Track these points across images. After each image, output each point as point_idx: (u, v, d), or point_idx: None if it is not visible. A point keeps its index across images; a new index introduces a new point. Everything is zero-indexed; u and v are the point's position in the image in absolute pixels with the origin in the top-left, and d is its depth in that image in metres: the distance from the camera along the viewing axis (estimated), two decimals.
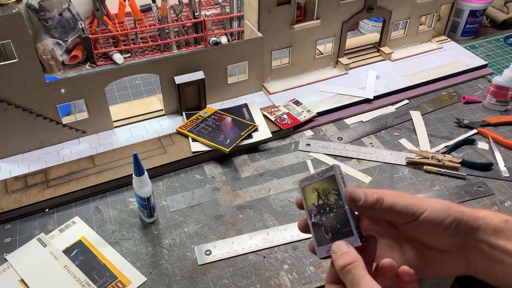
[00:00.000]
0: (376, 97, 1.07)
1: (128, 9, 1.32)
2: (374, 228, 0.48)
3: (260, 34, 1.00)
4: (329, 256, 0.45)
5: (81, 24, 1.17)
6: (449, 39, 1.29)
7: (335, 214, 0.45)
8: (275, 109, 1.01)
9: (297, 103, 1.03)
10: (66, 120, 0.92)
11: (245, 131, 0.94)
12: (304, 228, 0.48)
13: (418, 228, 0.44)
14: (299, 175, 0.89)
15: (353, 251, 0.42)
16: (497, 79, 1.02)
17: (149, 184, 0.74)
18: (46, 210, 0.82)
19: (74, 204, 0.83)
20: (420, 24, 1.23)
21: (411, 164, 0.91)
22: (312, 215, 0.46)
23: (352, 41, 1.26)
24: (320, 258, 0.46)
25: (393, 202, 0.44)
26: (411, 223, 0.44)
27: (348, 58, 1.17)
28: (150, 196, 0.75)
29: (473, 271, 0.45)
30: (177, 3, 1.25)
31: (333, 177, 0.46)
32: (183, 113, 1.00)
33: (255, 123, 0.97)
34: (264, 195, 0.85)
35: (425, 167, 0.89)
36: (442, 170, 0.89)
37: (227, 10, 1.29)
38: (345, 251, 0.42)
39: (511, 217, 0.44)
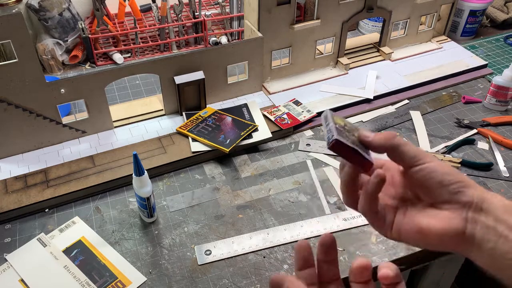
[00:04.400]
0: (376, 97, 1.07)
1: (128, 9, 1.32)
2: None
3: (260, 34, 1.00)
4: (345, 148, 0.44)
5: (81, 24, 1.17)
6: (449, 39, 1.29)
7: (357, 140, 0.47)
8: (275, 109, 1.01)
9: (297, 103, 1.03)
10: (66, 120, 0.92)
11: (245, 131, 0.94)
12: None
13: (421, 173, 0.44)
14: (299, 175, 0.89)
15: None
16: (497, 79, 1.02)
17: (149, 184, 0.74)
18: (46, 210, 0.82)
19: (74, 204, 0.83)
20: (420, 24, 1.23)
21: None
22: (337, 126, 0.46)
23: (352, 41, 1.26)
24: (334, 143, 0.44)
25: (403, 143, 0.45)
26: (415, 167, 0.44)
27: (348, 58, 1.17)
28: (150, 196, 0.75)
29: (469, 243, 0.42)
30: (177, 3, 1.25)
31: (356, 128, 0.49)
32: (183, 113, 1.00)
33: (255, 123, 0.97)
34: (264, 195, 0.85)
35: None
36: None
37: (227, 10, 1.29)
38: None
39: None
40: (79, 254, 0.74)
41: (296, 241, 0.76)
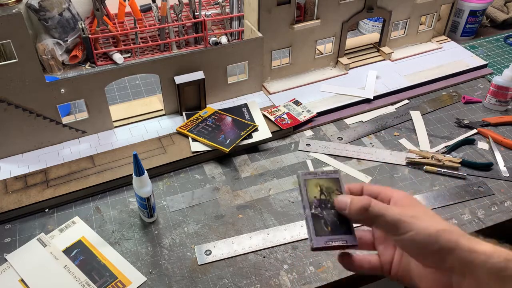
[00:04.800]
0: (376, 97, 1.07)
1: (128, 9, 1.32)
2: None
3: (260, 34, 1.00)
4: (325, 248, 0.47)
5: (81, 24, 1.17)
6: (449, 39, 1.29)
7: (336, 211, 0.48)
8: (275, 109, 1.01)
9: (297, 103, 1.03)
10: (66, 120, 0.92)
11: (245, 131, 0.94)
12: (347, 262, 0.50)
13: (402, 244, 0.44)
14: None
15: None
16: (497, 79, 1.02)
17: (149, 184, 0.74)
18: (46, 210, 0.82)
19: (74, 204, 0.83)
20: (420, 24, 1.23)
21: (411, 164, 0.91)
22: (313, 206, 0.49)
23: (352, 41, 1.26)
24: (314, 248, 0.47)
25: (380, 213, 0.44)
26: (396, 237, 0.44)
27: (348, 58, 1.17)
28: (150, 196, 0.75)
29: None
30: (177, 3, 1.25)
31: (337, 180, 0.51)
32: (183, 113, 1.00)
33: (255, 123, 0.97)
34: (264, 195, 0.85)
35: (425, 167, 0.89)
36: (442, 170, 0.89)
37: (227, 10, 1.29)
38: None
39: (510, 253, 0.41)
40: (79, 254, 0.74)
41: (296, 241, 0.76)
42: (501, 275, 0.40)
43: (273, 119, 0.98)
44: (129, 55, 1.25)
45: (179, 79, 0.95)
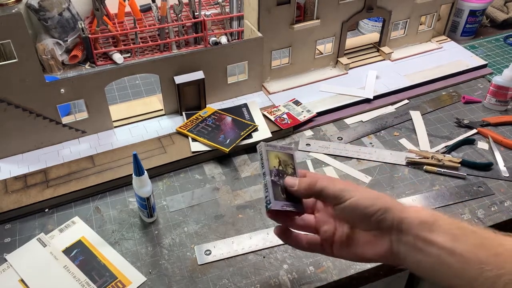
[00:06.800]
0: (376, 97, 1.07)
1: (128, 9, 1.32)
2: (317, 205, 0.59)
3: (260, 34, 1.00)
4: (280, 211, 0.55)
5: (81, 24, 1.17)
6: (449, 39, 1.29)
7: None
8: (275, 109, 1.01)
9: (297, 103, 1.03)
10: (66, 120, 0.92)
11: (245, 131, 0.94)
12: (281, 233, 0.59)
13: (345, 210, 0.52)
14: None
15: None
16: (497, 79, 1.02)
17: (149, 184, 0.74)
18: (46, 210, 0.82)
19: (74, 204, 0.83)
20: (420, 24, 1.23)
21: (411, 164, 0.91)
22: (273, 174, 0.56)
23: (352, 41, 1.26)
24: (271, 210, 0.55)
25: (324, 187, 0.53)
26: (339, 205, 0.52)
27: (348, 58, 1.17)
28: (150, 196, 0.75)
29: (397, 259, 0.50)
30: (177, 3, 1.25)
31: (292, 156, 0.59)
32: (183, 113, 1.00)
33: (255, 123, 0.97)
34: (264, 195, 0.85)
35: (425, 167, 0.89)
36: (442, 170, 0.89)
37: (227, 10, 1.29)
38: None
39: (436, 212, 0.49)
40: (79, 254, 0.74)
41: None
42: (429, 227, 0.48)
43: (273, 119, 0.98)
44: (129, 55, 1.25)
45: (179, 79, 0.95)
